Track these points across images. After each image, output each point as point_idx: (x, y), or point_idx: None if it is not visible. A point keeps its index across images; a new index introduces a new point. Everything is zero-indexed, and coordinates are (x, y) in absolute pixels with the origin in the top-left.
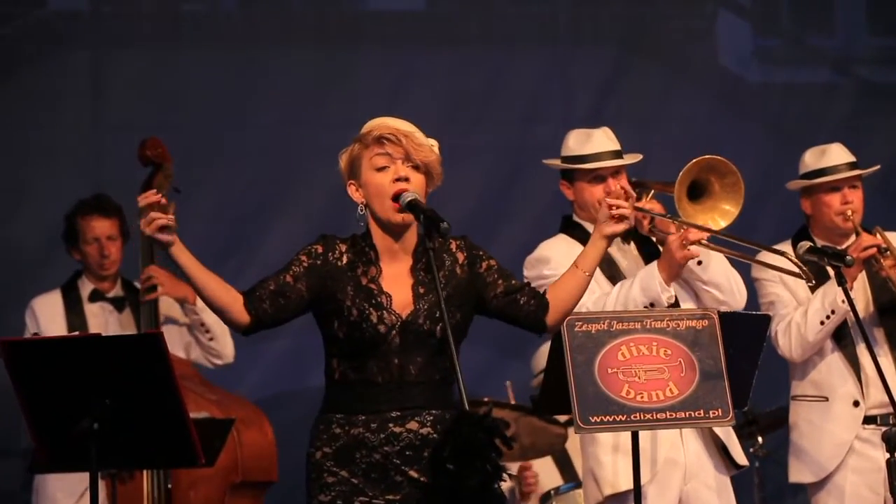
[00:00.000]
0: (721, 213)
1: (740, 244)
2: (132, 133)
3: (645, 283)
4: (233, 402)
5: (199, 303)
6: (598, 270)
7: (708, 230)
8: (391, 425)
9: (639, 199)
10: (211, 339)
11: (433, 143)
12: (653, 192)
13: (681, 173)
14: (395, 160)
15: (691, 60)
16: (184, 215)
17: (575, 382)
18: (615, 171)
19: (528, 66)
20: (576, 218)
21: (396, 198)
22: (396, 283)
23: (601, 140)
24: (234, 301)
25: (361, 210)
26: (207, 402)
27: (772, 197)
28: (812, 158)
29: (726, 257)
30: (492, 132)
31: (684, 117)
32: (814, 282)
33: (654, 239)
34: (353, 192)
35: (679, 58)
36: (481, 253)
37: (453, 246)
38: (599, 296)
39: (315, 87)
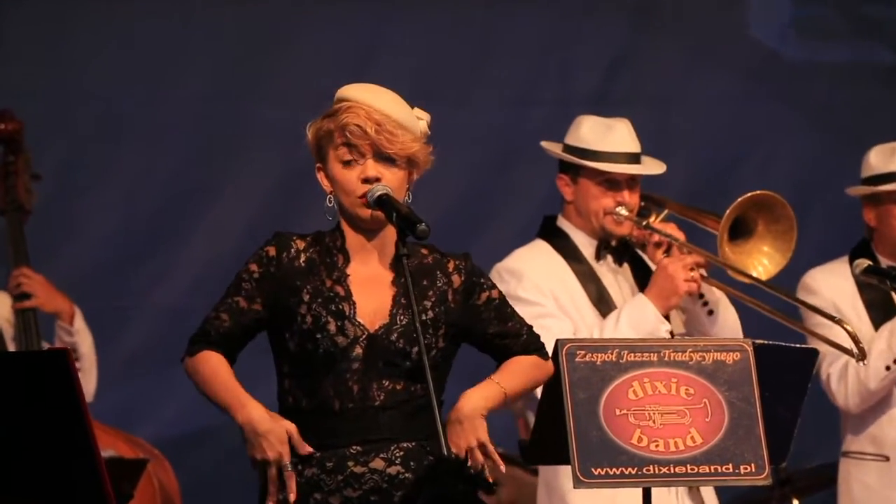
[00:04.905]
0: (768, 259)
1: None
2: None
3: (635, 317)
4: (130, 441)
5: (77, 322)
6: (584, 299)
7: (751, 277)
8: (351, 464)
9: (647, 216)
10: (79, 371)
11: (422, 116)
12: (667, 211)
13: (729, 209)
14: (364, 155)
15: (717, 32)
16: (83, 208)
17: (575, 425)
18: (632, 179)
19: (522, 35)
20: (560, 222)
21: (364, 195)
22: (368, 288)
23: (622, 136)
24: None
25: (330, 202)
26: (113, 438)
27: (819, 201)
28: (879, 159)
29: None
30: (475, 113)
31: (709, 100)
32: (866, 361)
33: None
34: (322, 179)
35: (702, 29)
36: (482, 281)
37: (451, 265)
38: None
39: (257, 50)
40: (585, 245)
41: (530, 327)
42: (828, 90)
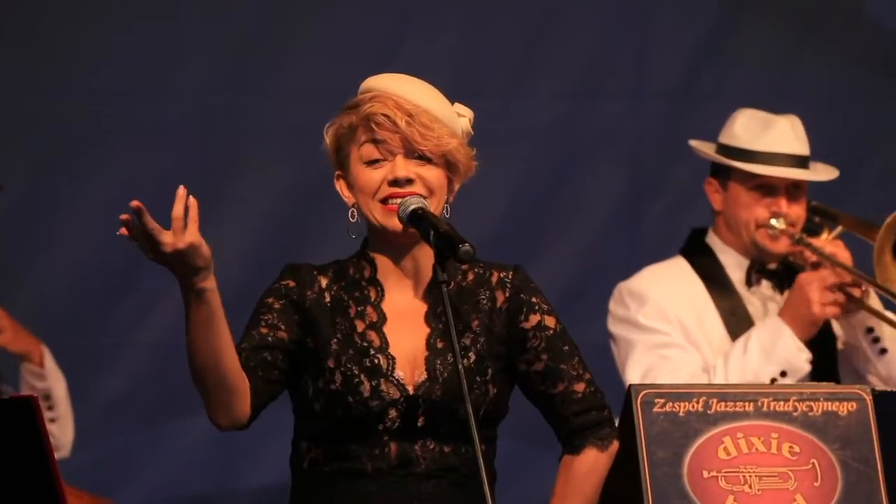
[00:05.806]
0: None
1: None
2: None
3: (767, 343)
4: None
5: (48, 363)
6: (719, 331)
7: None
8: None
9: (818, 234)
10: (52, 421)
11: (464, 113)
12: (840, 228)
13: (889, 217)
14: (393, 152)
15: (826, 10)
16: (65, 219)
17: (652, 490)
18: (794, 186)
19: (586, 14)
20: (709, 237)
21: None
22: (403, 327)
23: (785, 134)
24: (243, 379)
25: (353, 216)
26: (80, 501)
27: None
28: None
29: None
30: (532, 109)
31: (818, 94)
32: None
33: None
34: (342, 189)
35: (808, 7)
36: (535, 301)
37: (494, 278)
38: (695, 372)
39: (265, 39)
40: (734, 266)
41: (590, 381)
42: None
